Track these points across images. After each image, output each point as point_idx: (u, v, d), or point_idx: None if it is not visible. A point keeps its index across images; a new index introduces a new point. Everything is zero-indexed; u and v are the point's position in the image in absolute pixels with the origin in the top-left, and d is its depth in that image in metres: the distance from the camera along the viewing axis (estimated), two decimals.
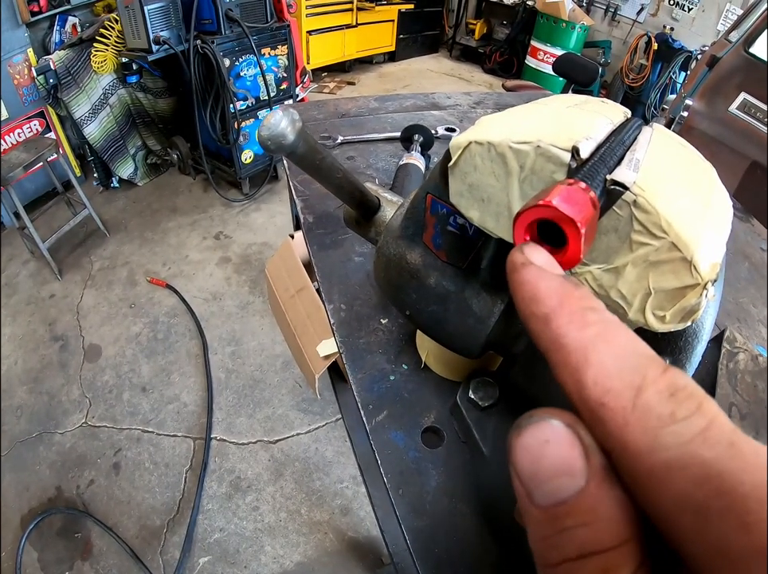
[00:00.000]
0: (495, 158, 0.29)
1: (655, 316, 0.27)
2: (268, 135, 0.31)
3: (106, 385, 2.10)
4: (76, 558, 1.59)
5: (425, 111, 1.32)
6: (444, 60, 6.10)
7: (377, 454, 0.52)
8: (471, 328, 0.40)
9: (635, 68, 4.27)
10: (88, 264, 2.70)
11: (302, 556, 1.60)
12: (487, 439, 0.50)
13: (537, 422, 0.15)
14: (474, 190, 0.31)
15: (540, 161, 0.27)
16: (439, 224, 0.37)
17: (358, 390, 0.58)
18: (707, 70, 2.18)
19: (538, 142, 0.27)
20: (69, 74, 2.66)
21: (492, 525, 0.48)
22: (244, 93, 2.80)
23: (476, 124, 0.32)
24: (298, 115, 0.32)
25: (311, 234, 0.83)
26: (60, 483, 1.77)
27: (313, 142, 0.34)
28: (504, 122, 0.31)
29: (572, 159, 0.26)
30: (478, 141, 0.29)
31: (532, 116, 0.32)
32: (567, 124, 0.29)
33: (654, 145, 0.32)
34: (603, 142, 0.29)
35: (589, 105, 0.35)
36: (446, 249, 0.38)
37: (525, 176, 0.28)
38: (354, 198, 0.45)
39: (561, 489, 0.13)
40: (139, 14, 2.35)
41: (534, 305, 0.16)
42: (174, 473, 1.80)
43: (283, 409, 2.02)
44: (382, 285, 0.46)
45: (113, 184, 3.27)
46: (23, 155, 2.36)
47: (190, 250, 2.81)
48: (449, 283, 0.39)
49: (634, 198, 0.25)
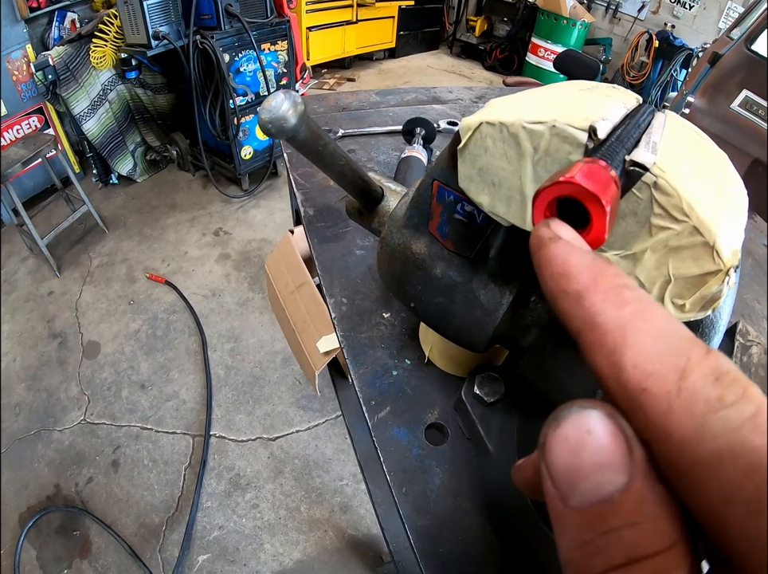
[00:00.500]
0: (507, 139, 0.28)
1: (674, 304, 0.26)
2: (268, 118, 0.30)
3: (105, 382, 2.08)
4: (75, 556, 1.58)
5: (426, 105, 1.31)
6: (444, 57, 6.08)
7: (379, 452, 0.51)
8: (478, 321, 0.38)
9: (636, 66, 4.26)
10: (87, 261, 2.68)
11: (302, 553, 1.59)
12: (492, 436, 0.49)
13: (577, 412, 0.14)
14: (484, 174, 0.30)
15: (555, 141, 0.26)
16: (446, 212, 0.36)
17: (360, 385, 0.57)
18: (708, 67, 2.17)
19: (553, 122, 0.26)
20: (68, 70, 2.64)
21: (498, 524, 0.47)
22: (244, 89, 2.78)
23: (486, 106, 0.31)
24: (300, 98, 0.31)
25: (311, 227, 0.82)
26: (58, 481, 1.76)
27: (316, 127, 0.33)
28: (516, 103, 0.30)
29: (589, 139, 0.25)
30: (489, 122, 0.28)
31: (544, 98, 0.31)
32: (581, 106, 0.28)
33: (669, 130, 0.31)
34: (618, 124, 0.28)
35: (600, 89, 0.34)
36: (453, 238, 0.37)
37: (539, 158, 0.27)
38: (357, 187, 0.43)
39: (604, 484, 0.12)
40: (138, 9, 2.33)
41: (565, 282, 0.15)
42: (172, 471, 1.79)
43: (282, 406, 2.01)
44: (386, 277, 0.45)
45: (112, 180, 3.25)
46: (22, 151, 2.35)
47: (189, 247, 2.80)
48: (456, 273, 0.38)
49: (654, 180, 0.24)
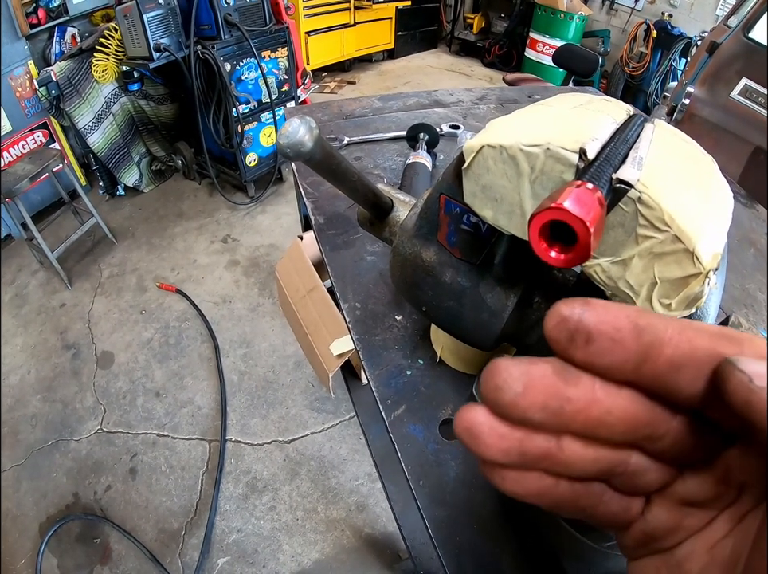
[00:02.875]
0: (507, 160, 0.31)
1: (661, 304, 0.28)
2: (287, 143, 0.32)
3: (120, 391, 2.12)
4: (96, 563, 1.62)
5: (428, 109, 1.33)
6: (443, 56, 6.10)
7: (397, 448, 0.53)
8: (486, 322, 0.41)
9: (635, 57, 4.26)
10: (97, 272, 2.73)
11: (320, 553, 1.62)
12: None
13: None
14: (487, 191, 0.33)
15: (550, 162, 0.29)
16: (453, 223, 0.39)
17: (376, 385, 0.60)
18: (707, 57, 2.17)
19: (547, 144, 0.29)
20: (71, 84, 2.68)
21: (510, 513, 0.49)
22: (246, 97, 2.81)
23: (486, 127, 0.34)
24: (315, 123, 0.33)
25: (322, 235, 0.84)
26: (77, 490, 1.80)
27: (329, 148, 0.36)
28: (513, 125, 0.33)
29: (580, 160, 0.28)
30: (490, 145, 0.31)
31: (539, 118, 0.34)
32: (573, 126, 0.31)
33: (656, 142, 0.34)
34: (608, 141, 0.30)
35: (593, 105, 0.36)
36: (460, 247, 0.40)
37: (536, 177, 0.30)
38: (368, 200, 0.46)
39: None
40: (138, 23, 2.37)
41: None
42: (190, 476, 1.82)
43: (296, 409, 2.04)
44: (399, 284, 0.48)
45: (119, 192, 3.30)
46: (28, 166, 2.39)
47: (198, 255, 2.83)
48: (464, 279, 0.41)
49: (639, 195, 0.27)
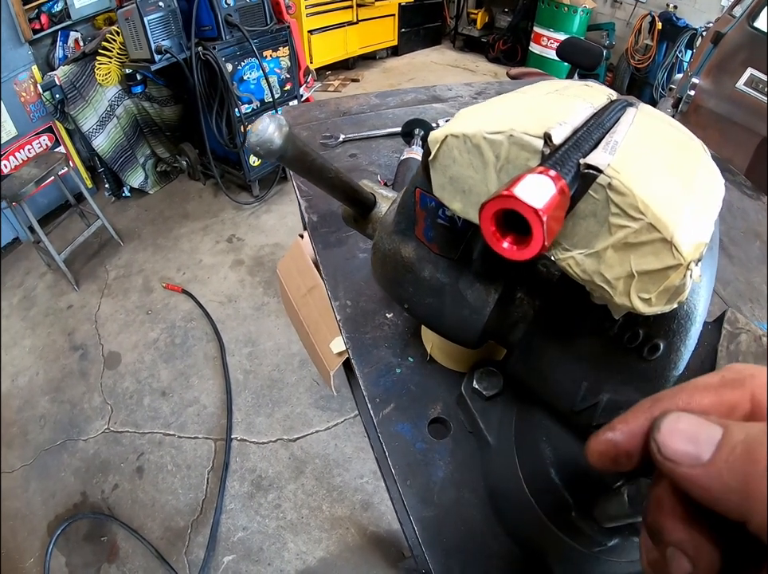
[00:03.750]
0: (471, 149, 0.29)
1: (640, 298, 0.27)
2: (256, 142, 0.32)
3: (126, 391, 2.14)
4: (103, 561, 1.63)
5: (426, 104, 1.32)
6: (447, 52, 6.06)
7: (384, 447, 0.53)
8: (467, 319, 0.40)
9: (640, 49, 4.20)
10: (104, 273, 2.74)
11: (324, 551, 1.62)
12: (492, 428, 0.51)
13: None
14: (455, 182, 0.32)
15: (514, 149, 0.28)
16: (429, 217, 0.38)
17: (365, 384, 0.59)
18: (711, 47, 2.14)
19: (510, 131, 0.27)
20: (75, 88, 2.70)
21: (499, 514, 0.48)
22: (249, 97, 2.81)
23: (455, 117, 0.33)
24: (285, 121, 0.33)
25: (315, 233, 0.84)
26: (85, 489, 1.81)
27: (302, 145, 0.35)
28: (481, 113, 0.32)
29: (545, 146, 0.26)
30: (454, 134, 0.30)
31: (509, 105, 0.33)
32: (543, 111, 0.30)
33: (637, 126, 0.32)
34: (581, 126, 0.29)
35: (571, 90, 0.35)
36: (438, 242, 0.39)
37: (501, 165, 0.29)
38: (348, 196, 0.45)
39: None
40: (139, 26, 2.38)
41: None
42: (196, 475, 1.83)
43: (301, 407, 2.04)
44: (381, 280, 0.47)
45: (124, 194, 3.32)
46: (34, 170, 2.41)
47: (204, 255, 2.84)
48: (443, 275, 0.40)
49: (609, 181, 0.25)
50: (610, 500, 0.34)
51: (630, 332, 0.32)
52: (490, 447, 0.50)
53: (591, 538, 0.39)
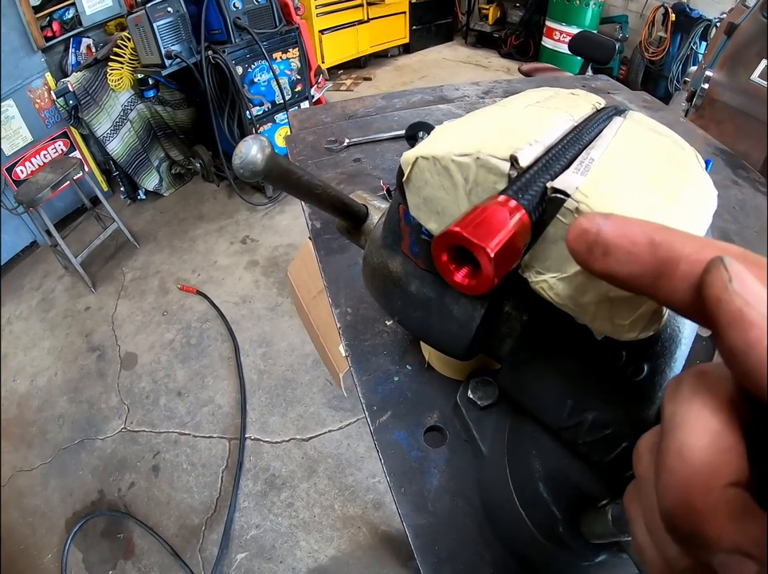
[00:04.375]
0: (441, 171, 0.29)
1: (614, 325, 0.26)
2: (240, 164, 0.33)
3: (143, 391, 2.17)
4: (119, 558, 1.67)
5: (432, 105, 1.31)
6: (459, 48, 6.03)
7: (380, 454, 0.53)
8: (454, 333, 0.40)
9: (654, 42, 4.13)
10: (120, 275, 2.79)
11: (336, 550, 1.64)
12: (486, 438, 0.51)
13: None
14: (429, 203, 0.32)
15: (482, 173, 0.28)
16: (413, 233, 0.38)
17: (363, 391, 0.60)
18: (725, 39, 2.09)
19: (477, 153, 0.27)
20: (88, 94, 2.75)
21: (493, 523, 0.49)
22: (260, 99, 2.84)
23: (432, 133, 0.33)
24: (267, 142, 0.33)
25: (318, 240, 0.85)
26: (102, 487, 1.86)
27: (285, 164, 0.36)
28: (454, 131, 0.32)
29: (511, 168, 0.26)
30: (424, 156, 0.30)
31: (484, 122, 0.32)
32: (516, 129, 0.29)
33: (620, 137, 0.32)
34: (555, 143, 0.29)
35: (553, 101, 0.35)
36: (422, 257, 0.39)
37: (470, 188, 0.29)
38: (338, 210, 0.46)
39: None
40: (149, 31, 2.41)
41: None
42: (210, 473, 1.86)
43: (314, 407, 2.06)
44: (372, 292, 0.48)
45: (140, 196, 3.37)
46: (50, 175, 2.46)
47: (218, 256, 2.88)
48: (429, 290, 0.40)
49: (576, 205, 0.25)
50: (596, 517, 0.34)
51: (612, 352, 0.31)
52: (483, 457, 0.50)
53: (578, 553, 0.39)
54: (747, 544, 0.14)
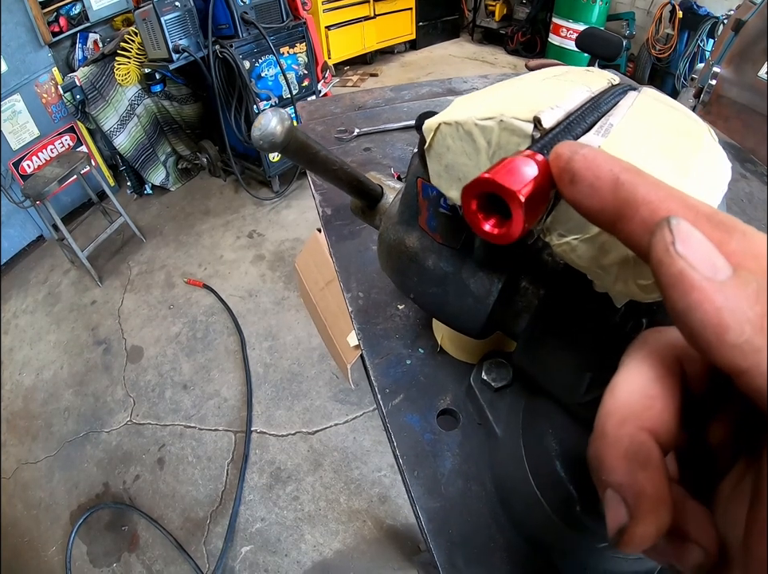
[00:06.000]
0: (464, 136, 0.29)
1: (638, 286, 0.25)
2: (259, 136, 0.32)
3: (149, 384, 2.18)
4: (124, 550, 1.68)
5: (441, 97, 1.31)
6: (466, 45, 6.01)
7: (392, 437, 0.53)
8: (471, 309, 0.40)
9: (661, 39, 4.10)
10: (127, 269, 2.80)
11: (341, 543, 1.63)
12: (500, 420, 0.51)
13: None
14: (451, 170, 0.31)
15: (505, 135, 0.27)
16: (431, 206, 0.38)
17: (375, 375, 0.60)
18: (732, 35, 2.07)
19: (500, 116, 0.27)
20: (95, 89, 2.75)
21: (505, 506, 0.48)
22: (267, 93, 2.83)
23: (451, 105, 0.33)
24: (287, 115, 0.33)
25: (329, 226, 0.85)
26: (107, 479, 1.86)
27: (304, 137, 0.35)
28: (475, 100, 0.32)
29: (535, 130, 0.26)
30: (446, 122, 0.30)
31: (504, 92, 0.32)
32: (536, 96, 0.29)
33: (635, 109, 0.32)
34: (575, 110, 0.29)
35: (569, 75, 0.35)
36: (440, 231, 0.39)
37: (493, 152, 0.28)
38: (354, 188, 0.45)
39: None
40: (156, 26, 2.41)
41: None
42: (216, 466, 1.86)
43: (320, 400, 2.06)
44: (386, 271, 0.47)
45: (146, 191, 3.38)
46: (57, 169, 2.47)
47: (225, 250, 2.88)
48: (446, 264, 0.40)
49: None
50: None
51: (633, 321, 0.31)
52: (497, 439, 0.50)
53: (595, 533, 0.39)
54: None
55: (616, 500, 0.15)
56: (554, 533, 0.42)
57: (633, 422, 0.16)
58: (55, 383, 2.22)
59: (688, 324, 0.14)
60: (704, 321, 0.13)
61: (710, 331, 0.13)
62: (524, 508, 0.45)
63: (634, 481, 0.15)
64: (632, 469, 0.15)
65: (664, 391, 0.16)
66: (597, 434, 0.16)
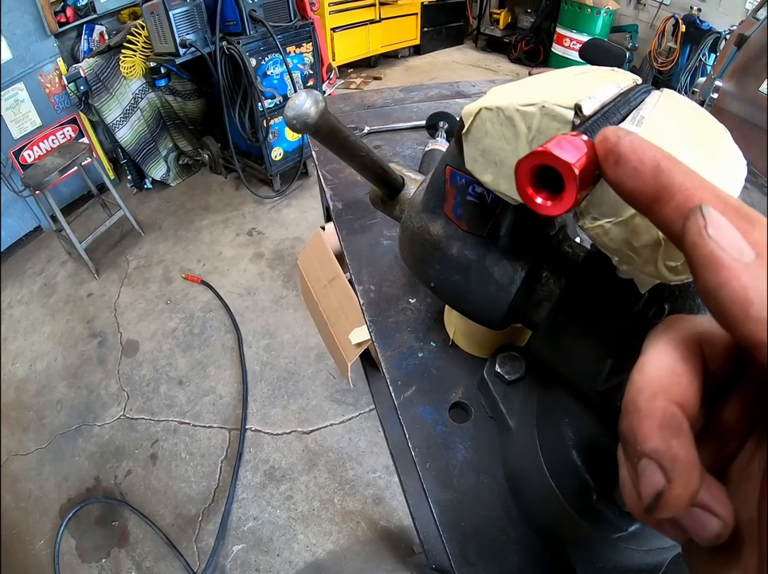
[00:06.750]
0: (504, 121, 0.30)
1: (667, 267, 0.27)
2: (293, 115, 0.33)
3: (143, 379, 2.16)
4: (113, 545, 1.65)
5: (449, 99, 1.32)
6: (469, 52, 6.05)
7: (405, 429, 0.53)
8: (493, 296, 0.40)
9: (663, 52, 4.15)
10: (124, 263, 2.78)
11: (334, 544, 1.62)
12: (513, 413, 0.51)
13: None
14: (487, 155, 0.32)
15: (545, 120, 0.28)
16: (458, 194, 0.38)
17: (387, 367, 0.59)
18: (735, 50, 2.10)
19: (542, 102, 0.28)
20: (99, 81, 2.74)
21: (518, 499, 0.48)
22: (272, 92, 2.83)
23: (487, 94, 0.33)
24: (321, 96, 0.33)
25: (340, 220, 0.85)
26: (98, 473, 1.84)
27: (336, 121, 0.36)
28: (513, 90, 0.33)
29: (575, 116, 0.27)
30: (488, 107, 0.31)
31: (539, 83, 0.33)
32: (572, 88, 0.30)
33: (661, 105, 0.33)
34: (609, 102, 0.30)
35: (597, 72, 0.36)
36: (466, 219, 0.39)
37: (533, 136, 0.29)
38: (378, 176, 0.46)
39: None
40: (164, 19, 2.41)
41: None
42: (209, 463, 1.85)
43: (317, 400, 2.05)
44: (407, 259, 0.47)
45: (146, 185, 3.37)
46: (58, 160, 2.45)
47: (224, 247, 2.87)
48: (471, 252, 0.40)
49: None
50: None
51: (656, 307, 0.32)
52: (510, 431, 0.50)
53: (611, 523, 0.39)
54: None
55: (651, 467, 0.16)
56: (567, 524, 0.42)
57: (664, 395, 0.17)
58: (48, 375, 2.20)
59: (718, 299, 0.15)
60: (732, 297, 0.15)
61: (737, 306, 0.15)
62: (538, 499, 0.45)
63: (669, 447, 0.16)
64: (666, 436, 0.16)
65: (689, 370, 0.18)
66: (630, 409, 0.17)
